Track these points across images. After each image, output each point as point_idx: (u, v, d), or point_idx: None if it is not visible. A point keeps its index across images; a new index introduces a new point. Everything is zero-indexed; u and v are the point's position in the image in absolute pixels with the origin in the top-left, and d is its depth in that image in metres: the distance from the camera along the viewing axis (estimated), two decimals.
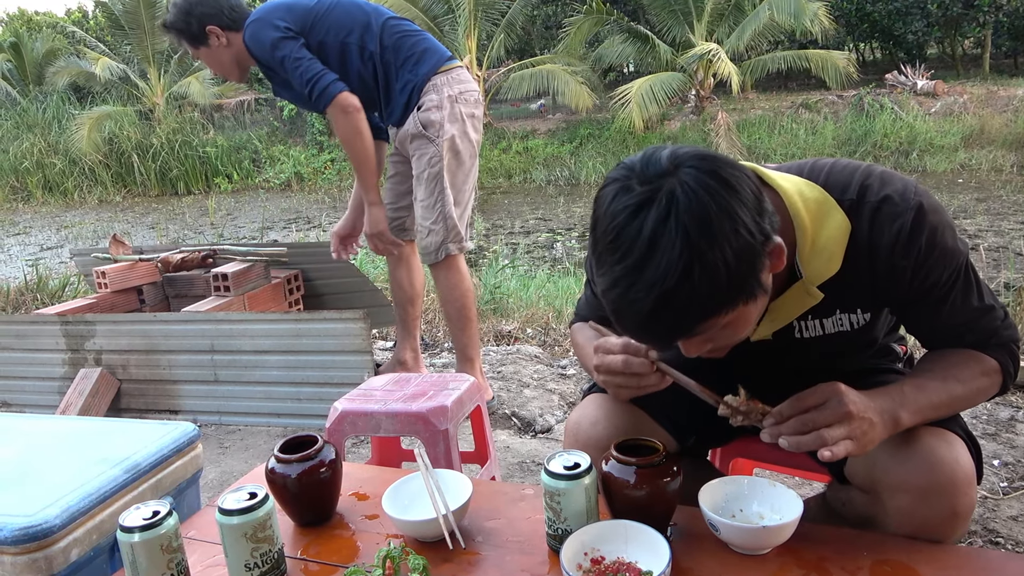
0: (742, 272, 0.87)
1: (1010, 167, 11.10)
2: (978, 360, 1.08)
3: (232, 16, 2.47)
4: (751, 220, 0.87)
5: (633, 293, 0.86)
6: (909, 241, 1.00)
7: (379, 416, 1.68)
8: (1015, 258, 5.40)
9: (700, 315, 0.88)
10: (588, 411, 1.28)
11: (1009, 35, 16.98)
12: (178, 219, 12.97)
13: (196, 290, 3.32)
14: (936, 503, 1.02)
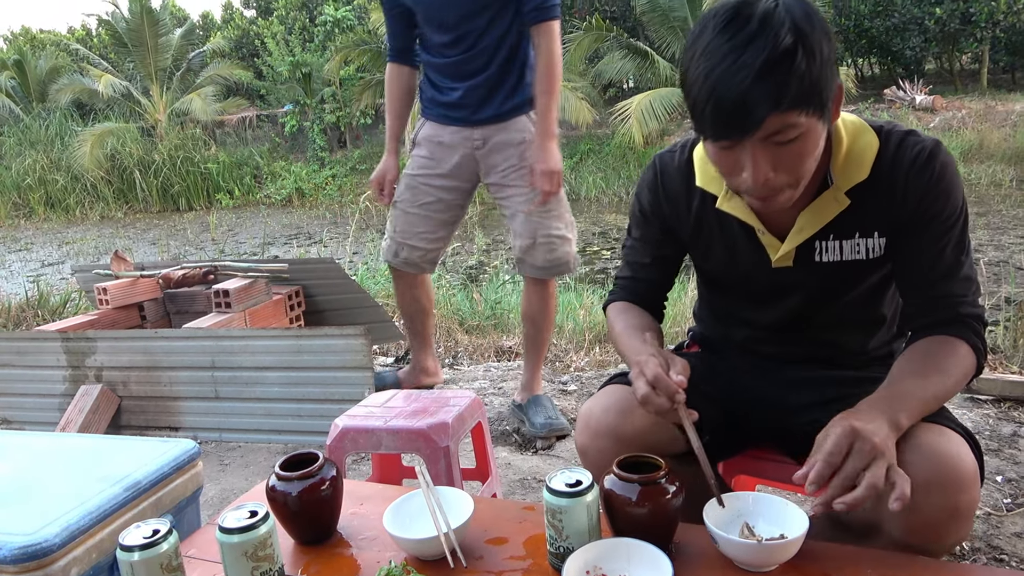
0: (828, 70, 1.02)
1: (1009, 181, 11.13)
2: (955, 349, 1.15)
3: None
4: (833, 42, 1.04)
5: (742, 61, 0.98)
6: (926, 163, 1.14)
7: (380, 433, 1.68)
8: (1015, 272, 5.40)
9: (791, 97, 0.99)
10: (601, 400, 1.30)
11: (1006, 50, 17.07)
12: (179, 235, 13.00)
13: (197, 306, 3.32)
14: (939, 499, 1.03)
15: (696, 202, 1.31)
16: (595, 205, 12.85)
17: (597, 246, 9.47)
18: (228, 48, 22.48)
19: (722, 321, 1.47)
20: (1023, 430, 2.36)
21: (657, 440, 1.25)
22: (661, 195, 1.35)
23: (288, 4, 24.07)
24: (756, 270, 1.30)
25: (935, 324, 1.19)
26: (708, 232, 1.33)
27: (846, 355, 1.36)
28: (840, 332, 1.34)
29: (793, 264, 1.25)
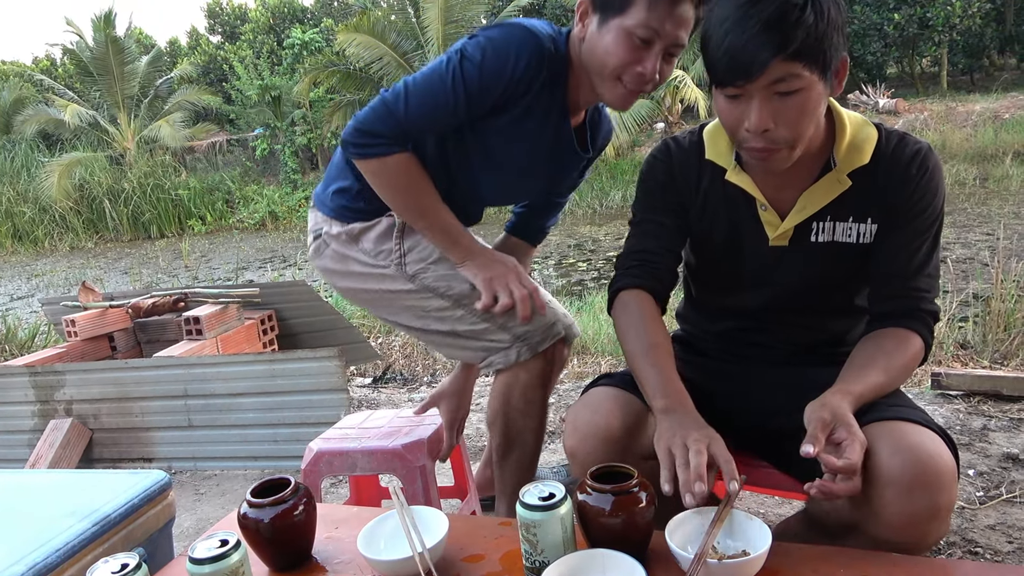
0: (835, 33, 1.10)
1: (973, 180, 11.37)
2: (909, 343, 1.23)
3: None
4: (844, 12, 1.13)
5: (755, 10, 1.08)
6: (923, 161, 1.24)
7: (355, 455, 1.66)
8: (982, 269, 5.51)
9: (796, 47, 1.08)
10: (588, 403, 1.31)
11: (964, 53, 17.50)
12: (151, 263, 12.85)
13: (168, 335, 3.28)
14: (920, 498, 1.04)
15: (706, 179, 1.37)
16: (569, 217, 12.91)
17: (573, 258, 9.51)
18: (196, 74, 22.39)
19: (709, 315, 1.50)
20: (992, 423, 2.39)
21: (643, 441, 1.27)
22: (675, 168, 1.39)
23: (255, 28, 24.07)
24: (753, 248, 1.35)
25: (897, 315, 1.26)
26: (713, 207, 1.37)
27: (829, 344, 1.40)
28: (824, 319, 1.39)
29: (788, 244, 1.32)
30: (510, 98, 1.42)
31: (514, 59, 1.38)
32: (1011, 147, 12.10)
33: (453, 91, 1.41)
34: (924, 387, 2.75)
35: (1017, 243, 7.24)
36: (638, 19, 1.32)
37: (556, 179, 1.65)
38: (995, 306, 3.56)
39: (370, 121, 1.45)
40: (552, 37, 1.44)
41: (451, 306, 1.50)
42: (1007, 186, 10.91)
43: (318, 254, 1.66)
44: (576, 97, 1.50)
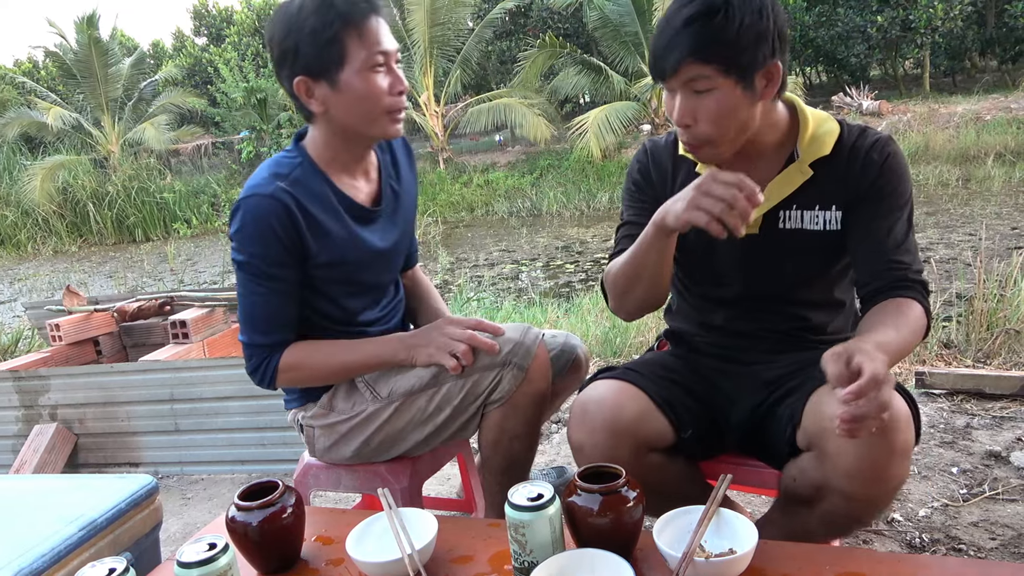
0: (750, 39, 1.18)
1: (955, 181, 11.48)
2: (910, 307, 1.28)
3: None
4: (773, 22, 1.20)
5: (678, 14, 1.20)
6: (884, 146, 1.32)
7: (339, 471, 1.63)
8: (965, 269, 5.57)
9: (705, 50, 1.18)
10: (594, 393, 1.34)
11: (946, 55, 17.68)
12: (136, 267, 12.76)
13: (154, 338, 3.26)
14: (878, 439, 1.09)
15: (681, 175, 1.44)
16: (557, 219, 12.93)
17: (560, 260, 9.53)
18: (180, 76, 22.27)
19: (697, 308, 1.54)
20: (976, 422, 2.42)
21: (648, 433, 1.32)
22: (651, 168, 1.48)
23: (241, 30, 23.96)
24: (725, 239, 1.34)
25: (890, 287, 1.30)
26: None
27: (813, 332, 1.44)
28: (805, 310, 1.43)
29: (759, 232, 1.37)
30: (296, 243, 1.42)
31: (266, 225, 1.38)
32: (992, 148, 12.22)
33: (267, 287, 1.43)
34: (908, 386, 2.78)
35: (999, 243, 7.32)
36: (366, 54, 1.35)
37: (400, 232, 1.64)
38: (978, 306, 3.60)
39: (249, 360, 1.50)
40: (275, 170, 1.43)
41: (435, 390, 1.49)
42: (989, 187, 11.02)
43: (313, 446, 1.62)
44: (342, 172, 1.50)
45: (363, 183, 1.55)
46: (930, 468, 2.15)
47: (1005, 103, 14.30)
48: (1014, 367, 3.28)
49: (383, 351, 1.52)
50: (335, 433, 1.58)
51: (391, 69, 1.41)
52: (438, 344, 1.48)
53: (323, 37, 1.33)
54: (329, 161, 1.48)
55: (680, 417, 1.35)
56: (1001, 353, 3.39)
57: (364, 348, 1.53)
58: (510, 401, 1.47)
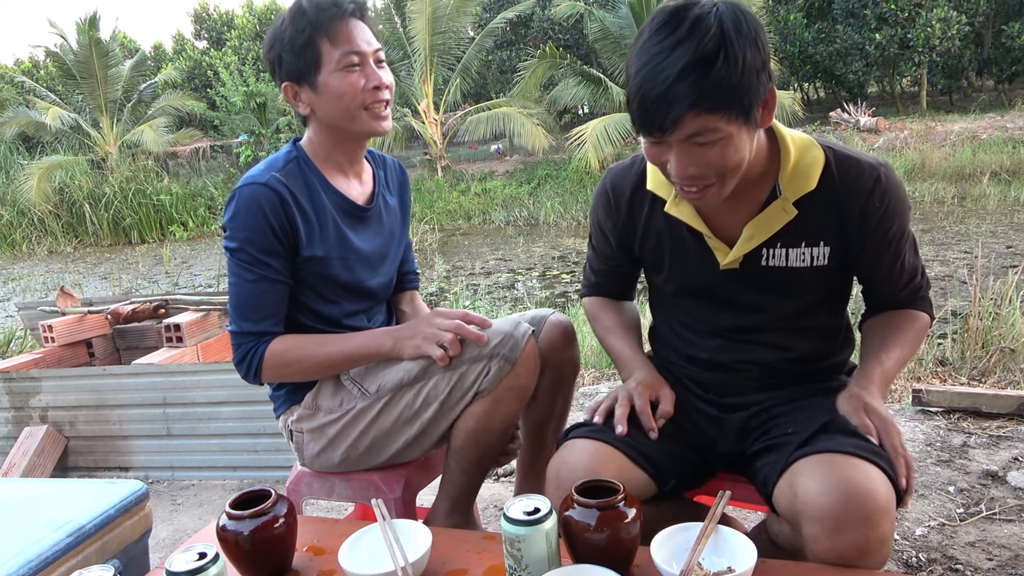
0: (752, 76, 1.07)
1: (951, 199, 11.53)
2: (916, 319, 1.34)
3: None
4: (763, 50, 1.09)
5: (667, 62, 1.05)
6: (886, 188, 1.22)
7: (333, 479, 1.60)
8: (960, 287, 5.57)
9: (709, 99, 1.05)
10: (568, 458, 1.28)
11: (943, 74, 17.79)
12: (131, 268, 12.71)
13: (148, 342, 3.24)
14: (849, 535, 1.05)
15: (647, 208, 1.37)
16: (554, 229, 12.94)
17: (557, 270, 9.53)
18: (180, 79, 22.25)
19: (681, 338, 1.47)
20: (972, 440, 2.41)
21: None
22: (612, 204, 1.41)
23: (241, 34, 23.99)
24: (705, 274, 1.35)
25: (899, 304, 1.36)
26: (657, 237, 1.38)
27: (798, 363, 1.39)
28: (793, 338, 1.37)
29: (740, 267, 1.31)
30: (287, 232, 1.45)
31: (259, 211, 1.42)
32: (988, 167, 12.28)
33: (257, 274, 1.45)
34: (905, 403, 2.77)
35: (994, 261, 7.34)
36: (338, 54, 1.42)
37: (385, 240, 1.65)
38: (973, 323, 3.60)
39: (236, 350, 1.50)
40: (271, 163, 1.49)
41: (423, 383, 1.47)
42: (984, 205, 11.07)
43: (303, 453, 1.60)
44: (335, 171, 1.55)
45: (356, 183, 1.60)
46: (927, 487, 2.14)
47: (1001, 122, 14.38)
48: (1009, 385, 3.28)
49: (370, 343, 1.52)
50: (324, 437, 1.56)
51: (368, 67, 1.45)
52: (425, 335, 1.47)
53: (298, 43, 1.43)
54: (323, 159, 1.54)
55: (660, 469, 1.28)
56: (996, 371, 3.39)
57: (351, 340, 1.52)
58: (493, 393, 1.45)
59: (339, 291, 1.56)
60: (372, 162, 1.68)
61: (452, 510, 1.59)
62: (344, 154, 1.55)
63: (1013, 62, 17.41)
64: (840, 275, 1.33)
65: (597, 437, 1.29)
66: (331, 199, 1.53)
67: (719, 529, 1.11)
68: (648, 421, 1.30)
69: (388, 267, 1.66)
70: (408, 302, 1.79)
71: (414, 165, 19.33)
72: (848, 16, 17.05)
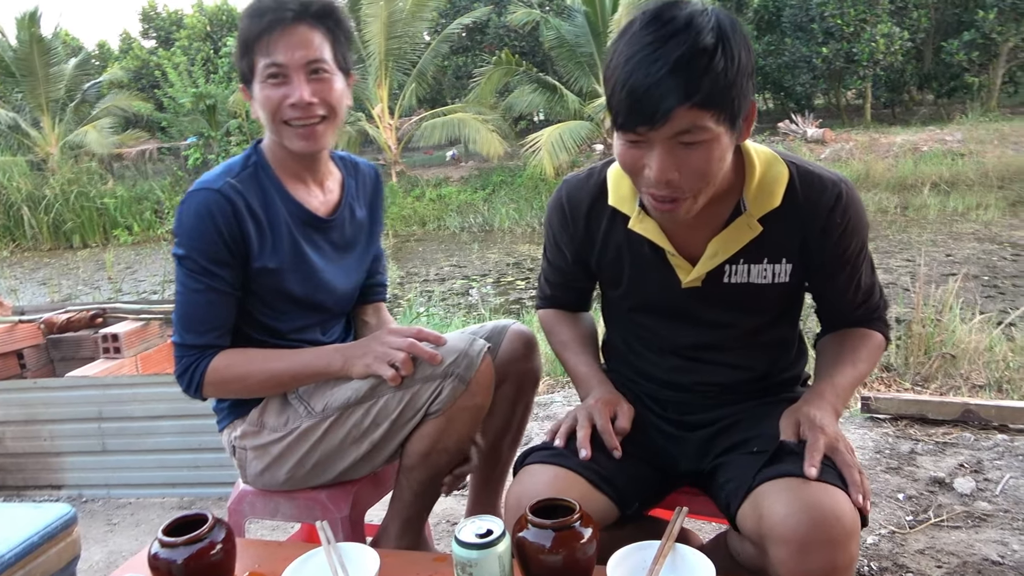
0: (744, 80, 1.05)
1: (894, 208, 11.88)
2: (870, 338, 1.33)
3: None
4: (753, 58, 1.08)
5: (660, 52, 1.01)
6: (844, 208, 1.21)
7: (278, 499, 1.52)
8: (903, 294, 5.72)
9: (702, 94, 1.01)
10: (528, 485, 1.23)
11: (886, 87, 18.38)
12: (72, 274, 12.27)
13: (84, 352, 3.09)
14: (816, 557, 1.03)
15: (605, 223, 1.33)
16: (508, 236, 12.93)
17: (511, 276, 9.51)
18: (126, 79, 21.64)
19: (638, 355, 1.44)
20: (919, 447, 2.45)
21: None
22: (569, 217, 1.36)
23: (191, 34, 23.45)
24: (666, 290, 1.31)
25: (855, 323, 1.35)
26: (616, 252, 1.33)
27: (756, 381, 1.37)
28: (752, 355, 1.36)
29: (702, 285, 1.29)
30: (238, 241, 1.38)
31: (209, 218, 1.35)
32: (929, 178, 12.71)
33: (204, 284, 1.38)
34: (854, 410, 2.81)
35: (935, 270, 7.56)
36: (262, 65, 1.36)
37: (347, 253, 1.58)
38: (916, 330, 3.69)
39: (178, 362, 1.43)
40: (227, 168, 1.43)
41: (372, 403, 1.41)
42: (925, 215, 11.43)
43: (246, 471, 1.52)
44: (293, 178, 1.47)
45: (319, 193, 1.51)
46: (877, 495, 2.16)
47: (940, 135, 14.90)
48: (950, 391, 3.36)
49: (317, 361, 1.45)
50: (267, 455, 1.49)
51: (293, 80, 1.36)
52: (376, 353, 1.40)
53: (240, 48, 1.39)
54: (281, 166, 1.46)
55: (623, 492, 1.25)
56: (938, 377, 3.47)
57: (298, 357, 1.45)
58: (447, 413, 1.39)
59: (291, 305, 1.48)
60: (343, 168, 1.58)
61: (403, 531, 1.52)
62: (298, 163, 1.47)
63: (951, 78, 18.08)
64: (799, 291, 1.33)
65: (557, 462, 1.24)
66: (287, 208, 1.45)
67: (676, 547, 1.09)
68: (611, 440, 1.27)
69: (347, 281, 1.58)
70: (373, 314, 1.71)
71: None
72: (797, 30, 17.49)
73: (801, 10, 17.22)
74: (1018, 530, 1.93)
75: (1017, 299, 6.50)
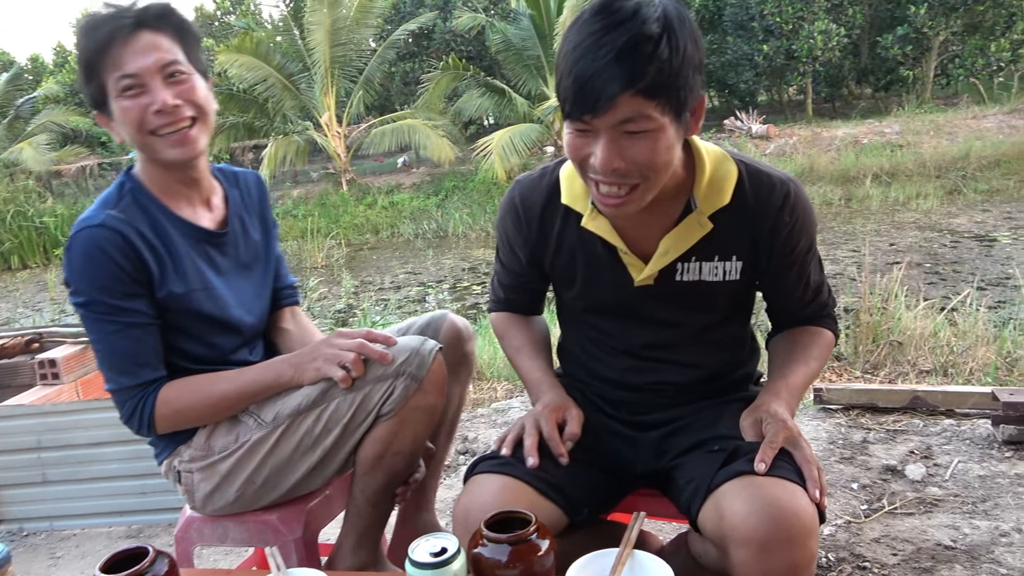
0: (690, 71, 1.05)
1: (839, 200, 12.18)
2: (820, 336, 1.35)
3: None
4: (701, 52, 1.08)
5: (606, 39, 1.01)
6: (793, 205, 1.23)
7: (226, 523, 1.47)
8: (850, 284, 5.85)
9: (647, 82, 1.02)
10: (476, 496, 1.22)
11: (826, 83, 18.88)
12: (11, 296, 11.82)
13: (21, 379, 2.96)
14: (776, 556, 1.04)
15: (559, 222, 1.32)
16: (463, 241, 12.89)
17: (467, 281, 9.47)
18: (63, 94, 21.00)
19: (591, 356, 1.43)
20: (871, 436, 2.50)
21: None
22: (523, 218, 1.35)
23: None
24: (619, 289, 1.30)
25: (804, 321, 1.37)
26: (570, 253, 1.32)
27: (709, 380, 1.37)
28: (705, 353, 1.36)
29: (655, 283, 1.28)
30: (139, 270, 1.32)
31: (102, 256, 1.29)
32: (870, 170, 13.07)
33: (120, 323, 1.31)
34: (807, 402, 2.85)
35: (880, 259, 7.77)
36: (113, 81, 1.30)
37: (249, 265, 1.54)
38: (864, 319, 3.77)
39: (121, 408, 1.37)
40: (104, 202, 1.36)
41: (323, 408, 1.37)
42: (868, 206, 11.75)
43: (194, 496, 1.46)
44: (175, 197, 1.42)
45: (203, 209, 1.46)
46: (832, 485, 2.18)
47: (879, 128, 15.35)
48: (899, 377, 3.45)
49: (266, 375, 1.40)
50: (216, 474, 1.43)
51: (151, 87, 1.29)
52: (325, 356, 1.36)
53: (83, 71, 1.31)
54: (159, 187, 1.40)
55: (571, 500, 1.23)
56: (887, 364, 3.55)
57: (246, 375, 1.41)
58: (400, 414, 1.36)
59: (210, 328, 1.43)
60: (223, 181, 1.53)
61: (358, 546, 1.48)
62: (176, 179, 1.40)
63: (887, 72, 18.66)
64: (749, 288, 1.33)
65: (504, 471, 1.23)
66: (179, 229, 1.39)
67: (635, 554, 1.07)
68: (557, 447, 1.25)
69: (256, 292, 1.53)
70: (290, 320, 1.65)
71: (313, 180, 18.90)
72: (737, 28, 17.86)
73: (741, 9, 17.59)
74: (968, 514, 1.97)
75: (958, 284, 6.72)
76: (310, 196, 17.39)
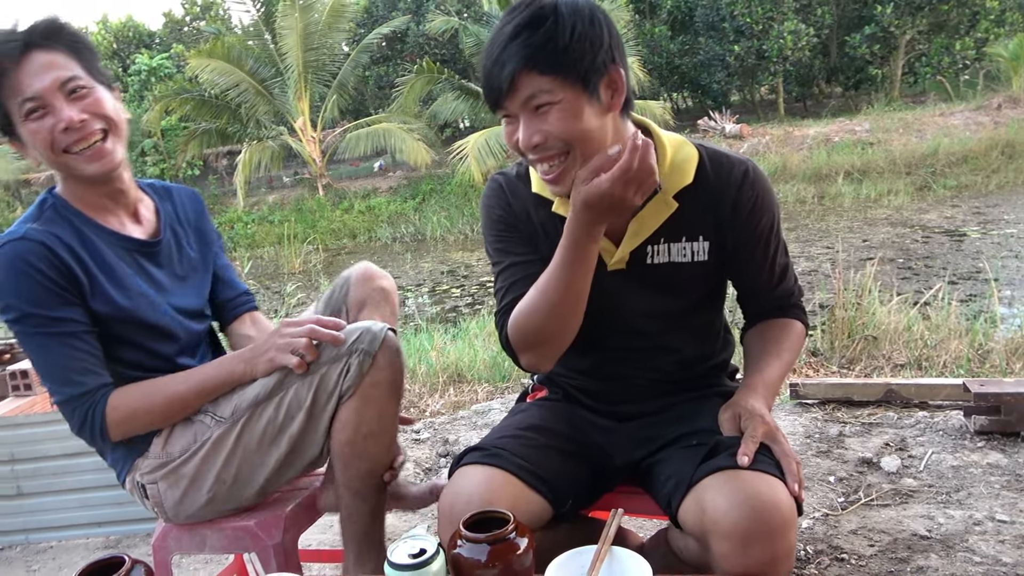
0: (586, 46, 1.11)
1: (811, 198, 12.35)
2: (791, 328, 1.37)
3: None
4: (606, 29, 1.14)
5: (504, 29, 1.12)
6: (752, 183, 1.27)
7: (204, 531, 1.45)
8: (825, 280, 5.93)
9: (539, 59, 1.10)
10: (462, 488, 1.21)
11: (797, 82, 19.13)
12: None
13: None
14: (756, 549, 1.05)
15: (534, 210, 1.35)
16: (441, 244, 12.88)
17: (447, 285, 9.46)
18: None
19: (571, 349, 1.43)
20: (847, 429, 2.53)
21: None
22: (509, 206, 1.37)
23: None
24: (593, 275, 1.28)
25: (772, 314, 1.39)
26: (548, 239, 1.33)
27: (685, 368, 1.39)
28: (679, 340, 1.38)
29: (627, 267, 1.31)
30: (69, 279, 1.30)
31: (28, 268, 1.27)
32: (842, 167, 13.27)
33: (55, 333, 1.29)
34: (784, 397, 2.88)
35: (853, 255, 7.89)
36: (16, 108, 1.28)
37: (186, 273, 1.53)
38: (839, 314, 3.82)
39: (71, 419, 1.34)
40: (25, 218, 1.34)
41: (282, 395, 1.37)
42: (841, 203, 11.93)
43: (163, 505, 1.43)
44: (101, 211, 1.41)
45: (130, 220, 1.45)
46: (809, 479, 2.21)
47: (850, 126, 15.57)
48: (874, 371, 3.50)
49: (219, 372, 1.39)
50: (182, 479, 1.40)
51: (53, 107, 1.28)
52: (277, 346, 1.36)
53: None
54: (82, 202, 1.38)
55: (557, 491, 1.24)
56: (862, 359, 3.60)
57: (198, 373, 1.40)
58: (360, 391, 1.36)
59: (148, 335, 1.41)
60: (153, 195, 1.52)
61: (360, 554, 1.46)
62: (100, 193, 1.38)
63: (856, 71, 18.94)
64: (718, 272, 1.35)
65: (491, 463, 1.23)
66: (106, 240, 1.37)
67: (613, 551, 1.08)
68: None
69: (192, 299, 1.52)
70: (250, 325, 1.65)
71: (288, 185, 18.77)
72: (709, 29, 18.04)
73: (712, 10, 17.77)
74: (942, 503, 2.01)
75: (930, 279, 6.84)
76: (286, 201, 17.27)
